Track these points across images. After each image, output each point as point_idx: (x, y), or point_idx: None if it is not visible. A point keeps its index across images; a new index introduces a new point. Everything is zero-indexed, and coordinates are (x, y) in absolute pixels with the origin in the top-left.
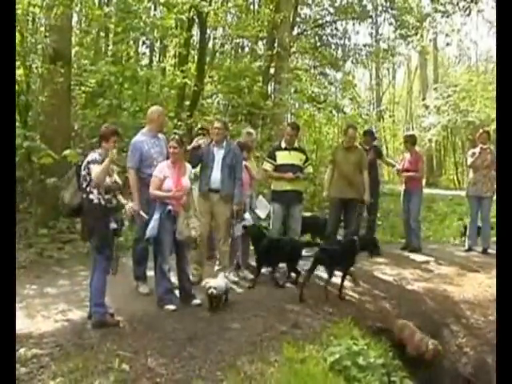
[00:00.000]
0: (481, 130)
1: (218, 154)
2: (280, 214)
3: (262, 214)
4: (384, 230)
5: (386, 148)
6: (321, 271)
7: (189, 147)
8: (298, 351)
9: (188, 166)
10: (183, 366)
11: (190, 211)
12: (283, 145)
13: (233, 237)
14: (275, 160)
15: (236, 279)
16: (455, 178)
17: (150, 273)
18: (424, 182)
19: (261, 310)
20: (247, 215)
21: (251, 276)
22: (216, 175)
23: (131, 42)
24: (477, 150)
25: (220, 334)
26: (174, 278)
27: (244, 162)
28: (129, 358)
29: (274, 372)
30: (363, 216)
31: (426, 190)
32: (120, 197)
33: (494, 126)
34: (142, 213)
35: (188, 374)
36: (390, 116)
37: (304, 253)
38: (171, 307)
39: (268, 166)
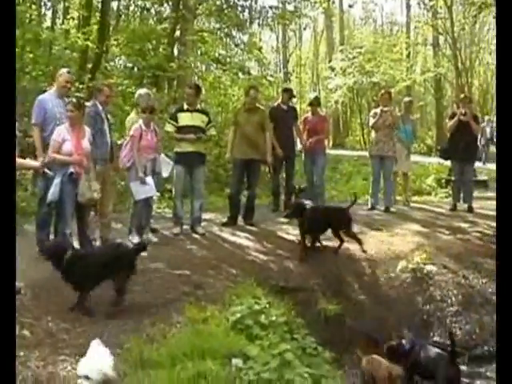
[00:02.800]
0: (382, 91)
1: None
2: (182, 175)
3: (165, 173)
4: None
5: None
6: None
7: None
8: (201, 312)
9: (87, 129)
10: (85, 331)
11: (91, 173)
12: (185, 106)
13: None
14: (177, 122)
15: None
16: (361, 139)
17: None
18: (331, 143)
19: (163, 272)
20: (149, 179)
21: (155, 239)
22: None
23: (33, 4)
24: (378, 110)
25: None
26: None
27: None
28: (29, 323)
29: (176, 333)
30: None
31: (332, 151)
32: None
33: (398, 87)
34: (46, 170)
35: (90, 338)
36: (296, 77)
37: None
38: None
39: (170, 128)
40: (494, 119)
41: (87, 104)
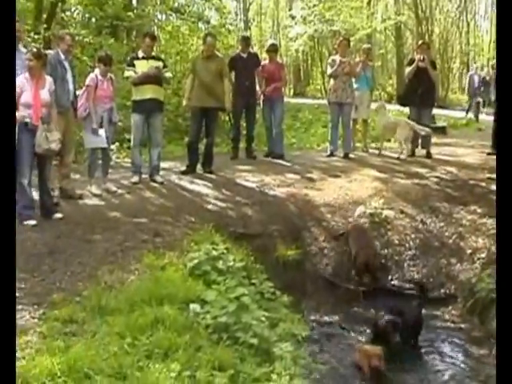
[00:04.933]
0: (340, 38)
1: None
2: (141, 124)
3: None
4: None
5: None
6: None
7: None
8: (159, 259)
9: (48, 78)
10: (43, 280)
11: (52, 124)
12: (140, 54)
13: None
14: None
15: (99, 192)
16: (322, 88)
17: None
18: (291, 91)
19: (122, 221)
20: (101, 131)
21: (114, 188)
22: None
23: None
24: (336, 58)
25: (80, 246)
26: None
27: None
28: None
29: (134, 280)
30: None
31: (292, 100)
32: None
33: (358, 36)
34: None
35: (48, 286)
36: (256, 26)
37: None
38: (31, 222)
39: (130, 73)
40: (485, 69)
41: (49, 52)
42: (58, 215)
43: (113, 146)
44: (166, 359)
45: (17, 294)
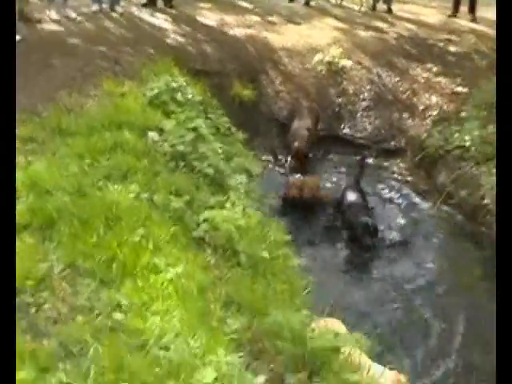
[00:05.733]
0: None
1: None
2: None
3: None
4: None
5: None
6: None
7: None
8: (118, 86)
9: None
10: None
11: None
12: None
13: None
14: None
15: (58, 17)
16: None
17: None
18: None
19: (81, 48)
20: None
21: (74, 15)
22: None
23: None
24: None
25: (39, 69)
26: None
27: None
28: None
29: (93, 105)
30: None
31: None
32: None
33: None
34: None
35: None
36: None
37: None
38: None
39: None
40: None
41: None
42: (17, 37)
43: None
44: (125, 181)
45: None
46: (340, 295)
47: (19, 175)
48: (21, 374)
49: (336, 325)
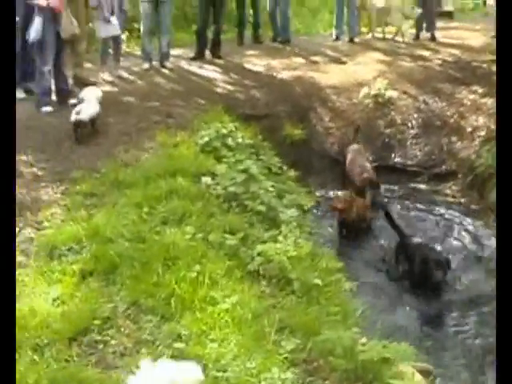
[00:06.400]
0: None
1: None
2: (150, 11)
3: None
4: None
5: None
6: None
7: None
8: (171, 137)
9: None
10: (63, 160)
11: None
12: None
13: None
14: None
15: (111, 79)
16: None
17: None
18: None
19: (134, 105)
20: (113, 19)
21: (126, 75)
22: None
23: None
24: None
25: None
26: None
27: None
28: None
29: (148, 157)
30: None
31: None
32: None
33: None
34: None
35: (68, 166)
36: None
37: None
38: (48, 109)
39: None
40: None
41: None
42: (74, 101)
43: (123, 36)
44: (181, 224)
45: (39, 173)
46: None
47: (81, 227)
48: None
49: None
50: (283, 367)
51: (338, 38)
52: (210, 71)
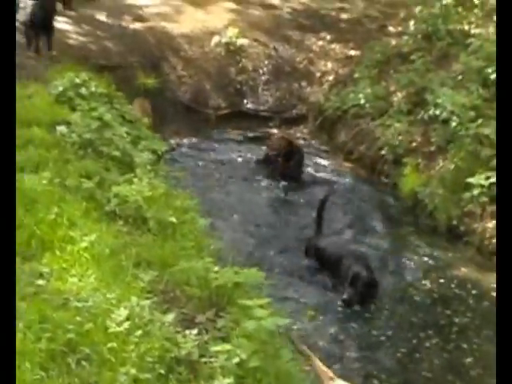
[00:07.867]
0: None
1: None
2: None
3: None
4: None
5: None
6: None
7: None
8: (24, 89)
9: None
10: None
11: None
12: None
13: None
14: None
15: None
16: None
17: None
18: None
19: None
20: None
21: None
22: None
23: None
24: None
25: None
26: None
27: None
28: None
29: None
30: None
31: None
32: None
33: None
34: None
35: None
36: None
37: None
38: None
39: None
40: None
41: None
42: None
43: None
44: (38, 171)
45: None
46: None
47: None
48: None
49: None
50: (142, 296)
51: None
52: (61, 23)
